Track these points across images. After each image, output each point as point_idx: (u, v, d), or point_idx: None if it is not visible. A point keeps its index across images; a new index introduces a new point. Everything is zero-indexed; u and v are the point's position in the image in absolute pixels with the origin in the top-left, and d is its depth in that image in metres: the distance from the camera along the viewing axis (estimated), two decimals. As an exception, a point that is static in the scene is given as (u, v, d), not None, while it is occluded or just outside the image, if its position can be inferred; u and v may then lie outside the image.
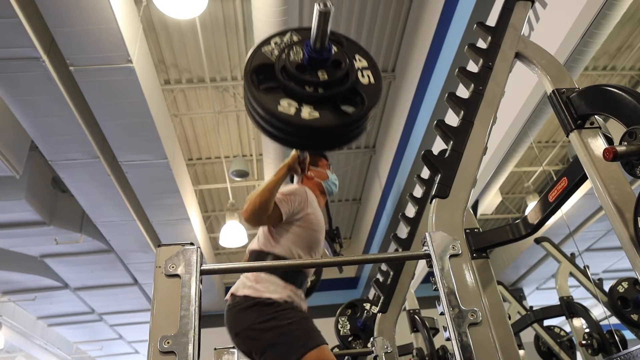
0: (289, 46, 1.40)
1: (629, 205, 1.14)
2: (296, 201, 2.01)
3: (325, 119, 1.33)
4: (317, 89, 1.34)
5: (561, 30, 2.94)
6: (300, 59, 1.37)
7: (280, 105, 1.32)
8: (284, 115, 1.31)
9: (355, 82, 1.39)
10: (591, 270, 4.03)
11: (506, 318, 1.51)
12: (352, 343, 3.51)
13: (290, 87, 1.33)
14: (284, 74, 1.35)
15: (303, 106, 1.33)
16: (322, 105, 1.34)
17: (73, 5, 3.64)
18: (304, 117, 1.31)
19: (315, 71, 1.36)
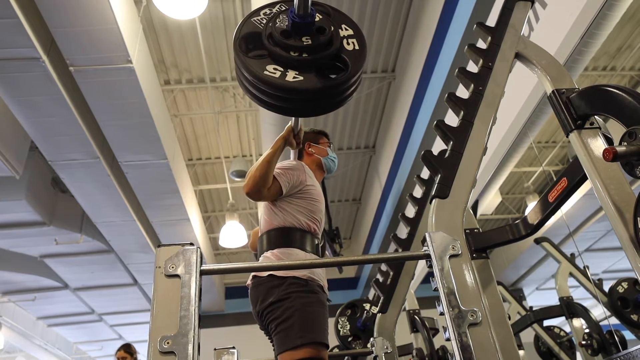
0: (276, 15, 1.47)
1: (629, 205, 1.14)
2: (294, 175, 2.04)
3: (309, 82, 1.38)
4: (302, 53, 1.40)
5: (561, 30, 2.94)
6: (285, 26, 1.43)
7: (266, 70, 1.38)
8: (269, 78, 1.37)
9: (339, 49, 1.45)
10: (591, 270, 4.04)
11: (506, 318, 1.51)
12: (352, 343, 3.51)
13: (276, 53, 1.40)
14: (270, 41, 1.42)
15: (288, 71, 1.39)
16: (307, 70, 1.40)
17: (73, 5, 3.64)
18: (288, 80, 1.37)
19: (299, 37, 1.42)
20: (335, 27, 1.47)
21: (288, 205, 2.04)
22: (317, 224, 2.10)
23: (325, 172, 2.33)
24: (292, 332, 1.77)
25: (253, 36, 1.45)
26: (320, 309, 1.89)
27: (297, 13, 1.39)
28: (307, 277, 1.90)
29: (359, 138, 7.47)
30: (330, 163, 2.33)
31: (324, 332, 1.85)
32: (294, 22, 1.41)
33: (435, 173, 1.41)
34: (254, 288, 1.95)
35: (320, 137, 2.36)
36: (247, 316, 2.05)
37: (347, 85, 1.47)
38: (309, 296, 1.86)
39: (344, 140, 7.40)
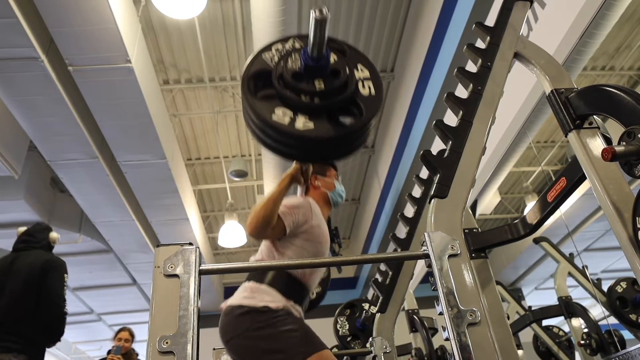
0: (288, 53, 1.36)
1: (628, 205, 1.14)
2: (300, 213, 1.95)
3: (319, 130, 1.28)
4: (313, 98, 1.30)
5: (560, 30, 2.94)
6: (297, 67, 1.33)
7: (274, 114, 1.28)
8: (277, 124, 1.27)
9: (354, 93, 1.35)
10: (590, 270, 4.03)
11: (505, 318, 1.51)
12: (351, 343, 3.51)
13: (286, 96, 1.30)
14: (280, 82, 1.32)
15: (298, 116, 1.29)
16: (318, 116, 1.30)
17: (72, 5, 3.64)
18: (297, 128, 1.27)
19: (312, 80, 1.32)
20: (350, 68, 1.36)
21: (289, 248, 1.96)
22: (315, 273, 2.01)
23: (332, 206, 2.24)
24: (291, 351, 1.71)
25: (263, 74, 1.35)
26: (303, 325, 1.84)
27: (311, 55, 1.28)
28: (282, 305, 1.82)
29: (358, 138, 7.46)
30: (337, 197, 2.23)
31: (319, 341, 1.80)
32: (306, 65, 1.30)
33: (434, 173, 1.41)
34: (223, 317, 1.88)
35: (328, 169, 2.24)
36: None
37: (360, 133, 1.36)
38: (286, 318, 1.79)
39: (343, 140, 7.38)
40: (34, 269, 3.15)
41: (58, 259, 3.32)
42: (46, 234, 3.53)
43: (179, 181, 5.97)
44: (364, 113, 1.32)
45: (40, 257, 3.27)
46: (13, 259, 3.31)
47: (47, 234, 3.52)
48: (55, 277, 3.17)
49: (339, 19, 5.54)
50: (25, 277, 3.12)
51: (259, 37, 4.31)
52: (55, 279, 3.16)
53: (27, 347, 3.01)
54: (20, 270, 3.16)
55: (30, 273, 3.14)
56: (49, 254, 3.37)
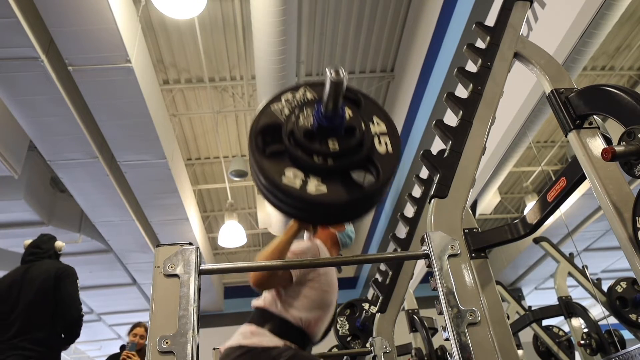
0: (299, 106, 1.25)
1: (628, 205, 1.14)
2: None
3: (333, 194, 1.17)
4: (327, 159, 1.19)
5: (560, 30, 2.95)
6: (309, 124, 1.21)
7: (285, 175, 1.18)
8: (287, 188, 1.16)
9: (370, 150, 1.23)
10: (590, 270, 4.03)
11: (505, 318, 1.51)
12: (350, 343, 3.51)
13: (297, 156, 1.18)
14: (291, 140, 1.20)
15: (310, 178, 1.18)
16: (331, 178, 1.19)
17: (71, 5, 3.64)
18: (310, 192, 1.17)
19: (325, 139, 1.20)
20: (365, 122, 1.25)
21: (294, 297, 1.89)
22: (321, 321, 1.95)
23: (341, 248, 2.19)
24: None
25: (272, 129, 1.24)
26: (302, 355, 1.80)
27: (325, 114, 1.18)
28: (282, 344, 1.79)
29: (358, 138, 7.46)
30: (346, 239, 2.18)
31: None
32: (320, 124, 1.19)
33: (434, 173, 1.41)
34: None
35: None
36: (246, 316, 2.02)
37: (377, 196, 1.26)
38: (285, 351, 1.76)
39: (343, 140, 7.38)
40: (48, 278, 3.30)
41: (69, 267, 3.49)
42: (51, 243, 3.63)
43: (179, 181, 5.97)
44: (381, 174, 1.21)
45: (52, 266, 3.42)
46: (25, 271, 3.43)
47: (53, 244, 3.63)
48: (69, 283, 3.34)
49: (339, 19, 5.54)
50: (39, 287, 3.25)
51: (259, 37, 4.31)
52: (70, 285, 3.33)
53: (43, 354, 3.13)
54: (33, 281, 3.28)
55: (44, 282, 3.28)
56: (60, 263, 3.52)
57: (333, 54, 6.00)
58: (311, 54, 6.00)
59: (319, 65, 6.12)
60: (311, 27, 5.64)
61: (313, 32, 5.70)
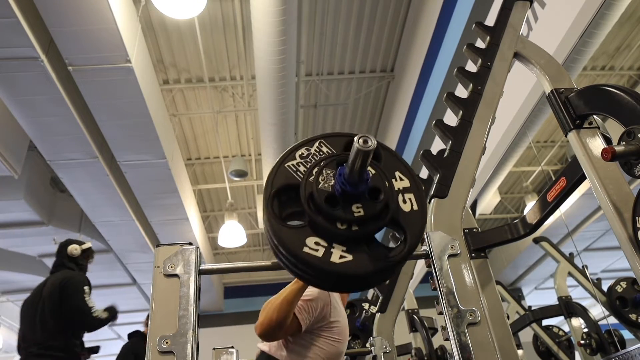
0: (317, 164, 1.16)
1: (628, 205, 1.14)
2: (318, 308, 1.80)
3: (358, 263, 1.09)
4: (351, 226, 1.10)
5: (560, 30, 2.95)
6: (330, 187, 1.12)
7: (306, 245, 1.09)
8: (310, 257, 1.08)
9: (395, 211, 1.15)
10: (590, 270, 4.03)
11: (505, 318, 1.51)
12: (350, 343, 3.51)
13: (319, 223, 1.10)
14: (311, 204, 1.11)
15: (334, 247, 1.10)
16: (356, 245, 1.11)
17: (71, 5, 3.64)
18: (333, 262, 1.08)
19: (349, 205, 1.11)
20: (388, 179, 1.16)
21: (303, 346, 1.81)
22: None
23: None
24: None
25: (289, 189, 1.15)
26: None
27: (348, 179, 1.09)
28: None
29: (358, 138, 7.45)
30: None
31: None
32: (343, 190, 1.10)
33: (434, 172, 1.41)
34: None
35: None
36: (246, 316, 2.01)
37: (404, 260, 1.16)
38: None
39: (343, 140, 7.38)
40: (54, 291, 3.44)
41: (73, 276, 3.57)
42: (65, 248, 3.70)
43: (178, 181, 5.97)
44: (408, 238, 1.12)
45: (58, 278, 3.54)
46: (43, 285, 3.59)
47: (66, 249, 3.69)
48: (71, 293, 3.44)
49: (339, 19, 5.54)
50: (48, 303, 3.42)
51: (259, 37, 4.31)
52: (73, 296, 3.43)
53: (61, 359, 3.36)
54: (44, 297, 3.45)
55: (51, 297, 3.43)
56: (67, 273, 3.61)
57: (333, 54, 6.00)
58: (311, 54, 6.00)
59: (319, 65, 6.12)
60: (311, 27, 5.64)
61: (313, 32, 5.70)
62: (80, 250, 3.70)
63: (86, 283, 3.55)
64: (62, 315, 3.42)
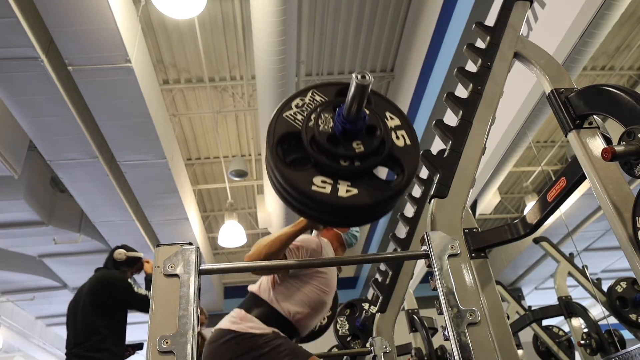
0: (314, 111, 1.25)
1: (628, 205, 1.14)
2: (308, 256, 1.89)
3: (364, 196, 1.18)
4: (354, 162, 1.20)
5: (560, 30, 2.94)
6: (330, 129, 1.21)
7: (314, 184, 1.17)
8: (319, 195, 1.16)
9: (391, 147, 1.25)
10: (590, 270, 4.03)
11: (505, 318, 1.51)
12: (350, 343, 3.51)
13: (323, 162, 1.18)
14: (313, 146, 1.20)
15: (339, 183, 1.18)
16: (360, 179, 1.20)
17: (71, 5, 3.64)
18: (341, 196, 1.17)
19: (349, 142, 1.21)
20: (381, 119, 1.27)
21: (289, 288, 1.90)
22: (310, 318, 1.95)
23: (346, 248, 2.20)
24: None
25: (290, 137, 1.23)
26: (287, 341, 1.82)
27: (348, 117, 1.17)
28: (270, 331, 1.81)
29: (358, 138, 7.46)
30: (351, 238, 2.19)
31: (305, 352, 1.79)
32: (344, 128, 1.19)
33: (434, 172, 1.41)
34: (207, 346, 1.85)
35: None
36: (246, 316, 2.02)
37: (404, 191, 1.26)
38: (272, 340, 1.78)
39: (343, 140, 7.38)
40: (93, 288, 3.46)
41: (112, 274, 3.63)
42: (111, 253, 3.77)
43: (178, 181, 5.97)
44: (406, 170, 1.23)
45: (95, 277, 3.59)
46: (82, 287, 3.63)
47: (112, 253, 3.76)
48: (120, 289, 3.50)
49: (339, 19, 5.54)
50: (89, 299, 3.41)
51: (259, 37, 4.31)
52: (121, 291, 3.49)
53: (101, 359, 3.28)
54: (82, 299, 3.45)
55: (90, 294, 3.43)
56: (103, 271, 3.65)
57: (333, 54, 6.00)
58: (311, 54, 6.00)
59: (319, 65, 6.12)
60: (311, 27, 5.64)
61: (313, 32, 5.70)
62: (124, 255, 3.69)
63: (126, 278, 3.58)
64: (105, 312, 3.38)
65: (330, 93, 1.29)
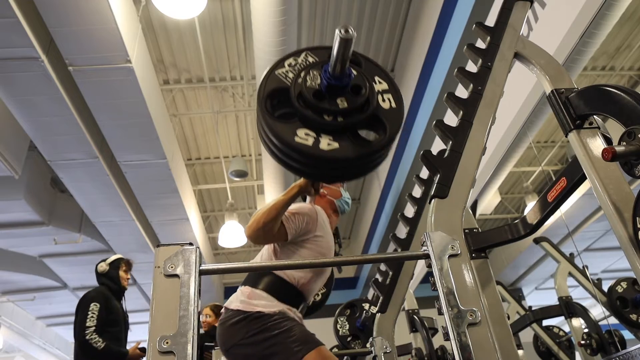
0: (305, 68, 1.31)
1: (628, 205, 1.14)
2: (304, 221, 1.94)
3: (344, 149, 1.24)
4: (337, 117, 1.26)
5: (560, 30, 2.94)
6: (317, 85, 1.27)
7: (297, 135, 1.23)
8: (301, 146, 1.22)
9: (376, 108, 1.31)
10: (590, 270, 4.03)
11: (505, 318, 1.51)
12: (351, 343, 3.51)
13: (308, 116, 1.25)
14: (300, 101, 1.26)
15: (321, 136, 1.24)
16: (342, 135, 1.26)
17: (72, 5, 3.64)
18: (322, 149, 1.23)
19: (334, 98, 1.27)
20: (369, 81, 1.32)
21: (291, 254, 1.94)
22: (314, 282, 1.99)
23: (339, 215, 2.25)
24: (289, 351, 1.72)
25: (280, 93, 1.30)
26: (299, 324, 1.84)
27: (333, 74, 1.23)
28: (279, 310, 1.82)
29: (358, 138, 7.46)
30: (344, 205, 2.24)
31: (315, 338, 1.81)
32: (329, 84, 1.25)
33: (435, 173, 1.41)
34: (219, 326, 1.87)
35: None
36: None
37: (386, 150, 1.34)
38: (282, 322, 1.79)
39: (343, 140, 7.39)
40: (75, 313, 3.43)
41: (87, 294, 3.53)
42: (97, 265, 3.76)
43: (179, 181, 5.97)
44: (388, 129, 1.29)
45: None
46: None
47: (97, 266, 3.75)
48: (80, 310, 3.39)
49: (339, 19, 5.53)
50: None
51: (259, 37, 4.31)
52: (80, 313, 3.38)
53: None
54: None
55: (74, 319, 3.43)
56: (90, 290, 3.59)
57: (333, 54, 5.99)
58: (311, 54, 5.99)
59: (319, 65, 6.11)
60: (311, 27, 5.64)
61: (313, 32, 5.70)
62: (106, 265, 3.72)
63: (98, 299, 3.42)
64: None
65: (323, 55, 1.33)
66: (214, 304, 4.65)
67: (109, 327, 3.43)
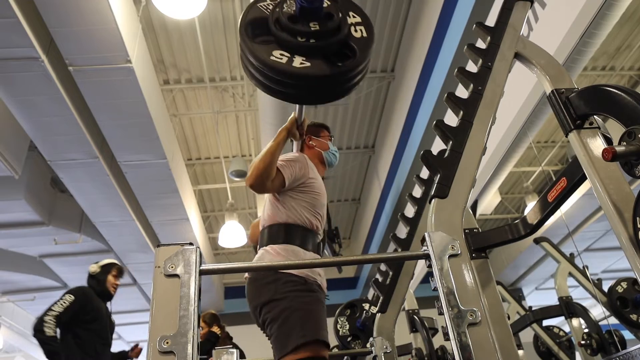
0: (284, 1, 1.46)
1: (628, 205, 1.14)
2: (297, 167, 2.03)
3: (316, 68, 1.37)
4: (309, 39, 1.39)
5: (560, 30, 2.94)
6: (292, 10, 1.42)
7: (272, 55, 1.37)
8: (275, 64, 1.35)
9: (347, 36, 1.45)
10: (590, 270, 4.03)
11: (505, 318, 1.51)
12: (351, 343, 3.51)
13: (283, 38, 1.39)
14: (277, 26, 1.41)
15: (295, 56, 1.38)
16: (314, 56, 1.39)
17: (72, 5, 3.64)
18: (295, 66, 1.36)
19: (307, 22, 1.41)
20: (343, 14, 1.47)
21: (291, 200, 2.02)
22: (319, 220, 2.09)
23: (327, 167, 2.33)
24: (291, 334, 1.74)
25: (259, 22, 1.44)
26: (319, 307, 1.87)
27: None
28: (305, 275, 1.87)
29: (359, 138, 7.47)
30: (331, 157, 2.33)
31: (324, 331, 1.82)
32: (301, 6, 1.39)
33: (435, 173, 1.41)
34: (249, 284, 1.95)
35: (321, 130, 2.36)
36: (246, 316, 2.04)
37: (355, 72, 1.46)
38: (306, 295, 1.84)
39: (344, 140, 7.40)
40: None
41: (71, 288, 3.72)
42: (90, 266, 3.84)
43: (179, 181, 5.97)
44: (358, 54, 1.43)
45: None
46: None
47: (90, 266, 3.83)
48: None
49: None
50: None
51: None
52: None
53: None
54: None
55: None
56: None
57: (333, 54, 5.99)
58: (311, 54, 5.99)
59: (319, 66, 6.11)
60: (311, 27, 5.63)
61: (313, 32, 5.69)
62: (97, 267, 3.77)
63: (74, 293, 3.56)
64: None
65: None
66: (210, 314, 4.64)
67: (89, 325, 3.56)
